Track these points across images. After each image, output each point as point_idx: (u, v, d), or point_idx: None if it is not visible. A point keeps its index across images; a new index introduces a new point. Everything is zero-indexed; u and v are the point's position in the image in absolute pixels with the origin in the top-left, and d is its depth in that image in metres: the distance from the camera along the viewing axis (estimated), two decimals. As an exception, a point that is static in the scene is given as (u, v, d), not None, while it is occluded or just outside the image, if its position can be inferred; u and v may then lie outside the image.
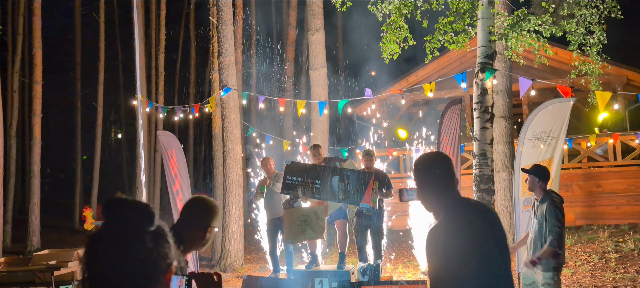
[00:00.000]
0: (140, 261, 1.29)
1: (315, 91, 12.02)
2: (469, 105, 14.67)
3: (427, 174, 2.42)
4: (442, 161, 2.46)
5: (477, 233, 2.25)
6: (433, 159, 2.48)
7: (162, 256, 1.34)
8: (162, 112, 12.28)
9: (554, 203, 5.10)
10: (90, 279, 1.28)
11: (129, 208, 1.36)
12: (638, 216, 11.84)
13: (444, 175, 2.40)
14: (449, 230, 2.24)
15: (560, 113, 6.83)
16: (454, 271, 2.15)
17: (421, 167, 2.45)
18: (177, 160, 8.42)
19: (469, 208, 2.37)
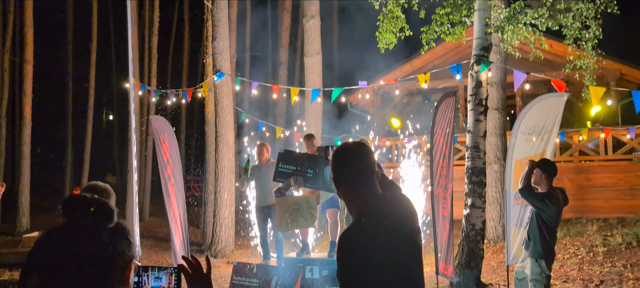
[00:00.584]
0: (96, 257, 1.28)
1: (310, 79, 11.96)
2: (462, 96, 14.67)
3: (343, 167, 2.16)
4: (358, 152, 2.18)
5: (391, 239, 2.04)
6: (349, 151, 2.19)
7: (120, 253, 1.33)
8: (155, 96, 12.18)
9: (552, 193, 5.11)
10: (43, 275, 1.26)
11: (87, 205, 1.34)
12: (627, 211, 11.94)
13: (360, 169, 2.13)
14: (361, 236, 2.01)
15: (554, 107, 6.83)
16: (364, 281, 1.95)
17: (336, 159, 2.19)
18: (169, 145, 8.36)
19: (386, 207, 2.14)
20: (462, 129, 14.09)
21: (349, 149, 2.21)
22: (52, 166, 30.53)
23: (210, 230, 11.37)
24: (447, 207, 7.03)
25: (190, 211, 10.80)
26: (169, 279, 1.62)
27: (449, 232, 7.04)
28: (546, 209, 5.12)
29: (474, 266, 7.47)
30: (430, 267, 9.17)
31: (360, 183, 2.12)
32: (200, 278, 1.69)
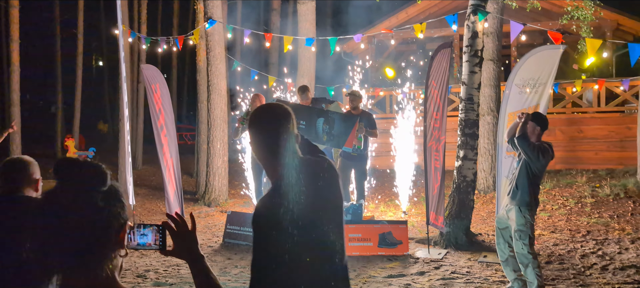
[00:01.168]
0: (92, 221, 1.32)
1: (303, 27, 11.75)
2: (458, 45, 14.53)
3: (258, 131, 2.10)
4: (275, 116, 2.10)
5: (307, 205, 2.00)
6: (265, 115, 2.13)
7: (115, 216, 1.37)
8: (145, 43, 11.96)
9: (542, 144, 5.16)
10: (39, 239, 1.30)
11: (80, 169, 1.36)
12: (616, 162, 12.07)
13: (276, 133, 2.07)
14: (276, 204, 1.97)
15: (550, 60, 6.78)
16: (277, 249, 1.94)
17: (252, 123, 2.12)
18: (161, 95, 8.28)
19: (303, 172, 2.06)
20: (457, 79, 14.02)
21: (264, 113, 2.15)
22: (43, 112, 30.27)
23: (203, 179, 11.41)
24: (439, 159, 7.06)
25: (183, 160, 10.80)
26: (155, 236, 1.61)
27: (440, 184, 7.10)
28: (537, 161, 5.18)
29: (464, 216, 7.58)
30: (421, 217, 9.30)
31: (276, 148, 2.07)
32: (185, 234, 1.68)
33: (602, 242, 7.43)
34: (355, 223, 7.40)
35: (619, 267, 6.28)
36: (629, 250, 7.00)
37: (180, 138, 23.24)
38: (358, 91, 8.34)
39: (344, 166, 8.16)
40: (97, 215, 1.33)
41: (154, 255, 7.38)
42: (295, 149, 2.12)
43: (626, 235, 7.76)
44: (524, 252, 5.15)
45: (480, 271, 6.33)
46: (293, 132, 2.12)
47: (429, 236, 7.47)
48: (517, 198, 5.23)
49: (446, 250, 7.28)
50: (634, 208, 9.25)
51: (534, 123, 5.30)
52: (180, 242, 1.67)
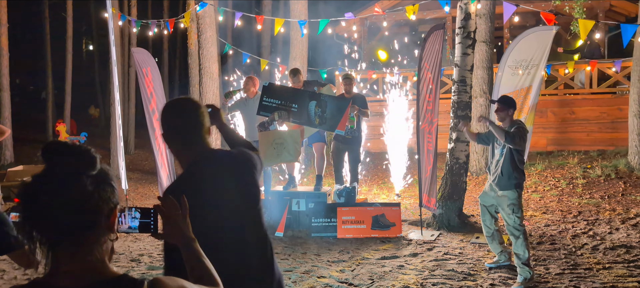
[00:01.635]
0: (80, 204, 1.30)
1: (295, 9, 11.67)
2: (450, 27, 14.48)
3: (169, 125, 2.16)
4: (184, 110, 2.17)
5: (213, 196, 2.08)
6: (175, 109, 2.18)
7: (105, 200, 1.35)
8: (136, 26, 11.84)
9: (520, 128, 5.22)
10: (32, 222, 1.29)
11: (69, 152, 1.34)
12: (607, 143, 12.13)
13: (187, 127, 2.15)
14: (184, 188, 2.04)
15: (542, 41, 6.78)
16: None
17: (164, 117, 2.17)
18: (152, 78, 8.21)
19: (211, 165, 2.15)
20: (449, 61, 14.00)
21: (176, 106, 2.20)
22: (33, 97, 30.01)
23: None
24: (432, 141, 7.07)
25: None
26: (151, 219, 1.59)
27: (433, 166, 7.12)
28: (523, 146, 5.25)
29: (457, 198, 7.61)
30: (413, 199, 9.34)
31: (187, 140, 2.15)
32: (177, 218, 1.66)
33: (593, 222, 7.50)
34: (349, 205, 7.43)
35: (609, 247, 6.34)
36: (620, 230, 7.06)
37: (172, 122, 23.15)
38: (351, 73, 8.32)
39: (337, 150, 8.15)
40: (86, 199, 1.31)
41: (148, 239, 7.38)
42: (205, 141, 2.20)
43: (617, 215, 7.84)
44: (517, 224, 5.29)
45: (472, 252, 6.38)
46: (202, 124, 2.18)
47: (421, 218, 7.50)
48: (503, 183, 5.32)
49: (439, 231, 7.33)
50: (624, 188, 9.32)
51: (505, 105, 5.36)
52: (171, 225, 1.66)
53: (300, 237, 7.33)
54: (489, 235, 5.73)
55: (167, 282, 1.35)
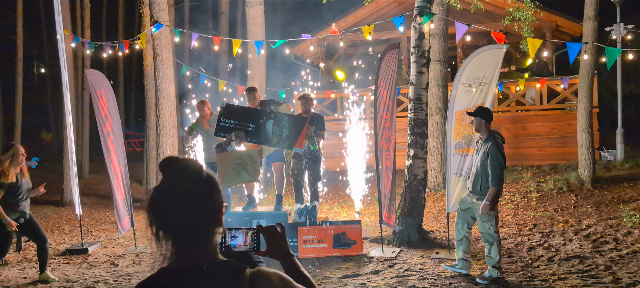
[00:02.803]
0: (198, 209, 1.58)
1: (252, 30, 11.68)
2: (405, 47, 14.77)
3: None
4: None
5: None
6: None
7: (215, 202, 1.63)
8: (89, 48, 11.59)
9: (497, 144, 5.54)
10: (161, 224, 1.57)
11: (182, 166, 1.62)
12: (559, 158, 12.55)
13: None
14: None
15: (493, 59, 6.97)
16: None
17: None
18: (106, 100, 8.03)
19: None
20: (405, 80, 14.25)
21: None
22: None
23: (154, 186, 11.13)
24: (390, 158, 7.15)
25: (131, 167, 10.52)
26: (245, 238, 1.80)
27: (392, 183, 7.18)
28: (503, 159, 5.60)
29: (416, 214, 7.70)
30: (374, 217, 9.39)
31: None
32: (276, 235, 1.87)
33: (547, 235, 7.70)
34: (310, 224, 7.40)
35: (563, 258, 6.52)
36: (573, 241, 7.28)
37: (128, 145, 22.65)
38: (309, 94, 8.35)
39: (298, 168, 8.14)
40: (202, 202, 1.59)
41: (103, 265, 7.15)
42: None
43: (569, 227, 8.08)
44: (491, 231, 5.64)
45: (433, 267, 6.44)
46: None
47: (382, 235, 7.54)
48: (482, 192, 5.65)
49: (400, 248, 7.37)
50: (576, 201, 9.64)
51: (479, 118, 5.67)
52: (272, 243, 1.87)
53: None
54: (458, 239, 6.01)
55: (268, 272, 1.62)
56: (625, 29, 12.27)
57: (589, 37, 10.06)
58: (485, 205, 5.57)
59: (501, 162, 5.53)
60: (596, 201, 9.47)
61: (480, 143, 5.76)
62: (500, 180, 5.53)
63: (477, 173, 5.69)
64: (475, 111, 5.79)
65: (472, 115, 5.79)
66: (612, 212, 8.70)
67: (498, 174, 5.51)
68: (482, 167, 5.62)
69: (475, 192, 5.73)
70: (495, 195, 5.57)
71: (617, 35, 12.39)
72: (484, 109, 5.86)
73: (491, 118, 5.77)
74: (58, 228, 9.84)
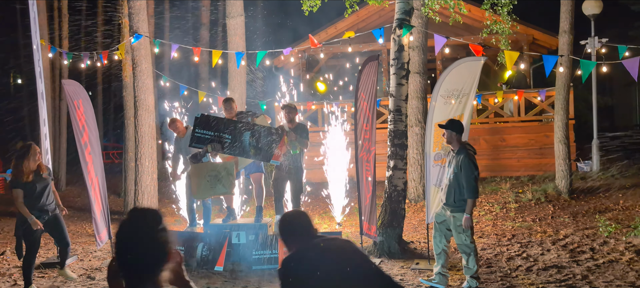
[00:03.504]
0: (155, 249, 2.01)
1: (233, 41, 11.66)
2: (386, 59, 14.88)
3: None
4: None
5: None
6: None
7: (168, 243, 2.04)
8: (67, 58, 11.45)
9: (469, 155, 5.57)
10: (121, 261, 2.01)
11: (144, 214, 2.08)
12: (536, 169, 12.71)
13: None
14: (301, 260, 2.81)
15: (472, 71, 7.07)
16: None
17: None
18: (84, 111, 7.92)
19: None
20: (385, 92, 14.34)
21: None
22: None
23: (132, 198, 10.99)
24: (370, 170, 7.16)
25: (110, 179, 10.38)
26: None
27: (372, 194, 7.19)
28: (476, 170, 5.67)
29: (396, 225, 7.72)
30: (355, 228, 9.39)
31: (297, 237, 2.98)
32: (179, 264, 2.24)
33: (526, 245, 7.78)
34: (289, 236, 7.36)
35: (542, 268, 6.59)
36: (551, 251, 7.36)
37: (106, 156, 22.36)
38: (293, 103, 8.34)
39: (279, 178, 8.11)
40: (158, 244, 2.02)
41: (79, 279, 7.02)
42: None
43: (547, 237, 8.17)
44: (467, 242, 5.69)
45: (413, 278, 6.46)
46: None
47: (363, 246, 7.54)
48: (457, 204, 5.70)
49: (380, 259, 7.38)
50: (553, 211, 9.77)
51: (450, 130, 5.74)
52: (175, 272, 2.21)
53: (241, 271, 7.18)
54: (437, 253, 6.03)
55: None
56: (599, 42, 12.53)
57: (564, 50, 10.25)
58: (466, 218, 5.61)
59: (475, 173, 5.58)
60: (573, 212, 9.61)
61: (452, 154, 5.80)
62: (475, 191, 5.59)
63: (450, 185, 5.73)
64: (446, 124, 5.83)
65: (443, 127, 5.83)
66: (588, 222, 8.83)
67: (473, 186, 5.56)
68: (455, 179, 5.66)
69: (449, 204, 5.76)
70: (473, 206, 5.65)
71: (592, 48, 12.64)
72: (455, 121, 5.91)
73: (462, 130, 5.82)
74: (33, 242, 9.64)
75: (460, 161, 5.61)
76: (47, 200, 6.47)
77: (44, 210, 6.40)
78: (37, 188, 6.33)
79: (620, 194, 10.49)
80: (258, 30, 20.46)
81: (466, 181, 5.55)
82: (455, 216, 5.69)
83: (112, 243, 8.15)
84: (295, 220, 3.01)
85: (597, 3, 12.92)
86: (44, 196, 6.41)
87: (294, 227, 2.97)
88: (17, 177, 6.24)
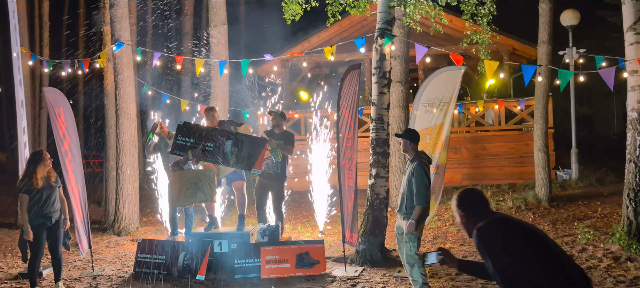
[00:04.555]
0: None
1: (216, 50, 11.67)
2: (368, 69, 15.00)
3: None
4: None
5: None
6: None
7: None
8: (48, 66, 11.35)
9: (422, 163, 5.65)
10: None
11: None
12: (517, 177, 12.88)
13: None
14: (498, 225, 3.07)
15: (452, 80, 7.17)
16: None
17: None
18: (65, 119, 7.84)
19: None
20: (368, 101, 14.44)
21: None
22: None
23: (113, 207, 10.89)
24: (352, 177, 7.20)
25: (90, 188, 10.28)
26: None
27: (354, 202, 7.22)
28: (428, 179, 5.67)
29: (378, 233, 7.75)
30: (337, 236, 9.41)
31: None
32: None
33: (505, 251, 7.85)
34: (272, 244, 7.36)
35: (521, 274, 6.65)
36: (530, 257, 7.44)
37: (87, 165, 22.12)
38: (280, 110, 8.36)
39: (261, 186, 8.10)
40: None
41: None
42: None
43: (527, 243, 8.25)
44: (411, 252, 5.69)
45: (395, 286, 6.48)
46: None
47: (345, 254, 7.56)
48: (406, 212, 5.72)
49: (362, 267, 7.40)
50: (533, 219, 9.89)
51: (406, 139, 5.78)
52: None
53: (224, 279, 7.14)
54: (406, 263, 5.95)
55: None
56: (577, 52, 12.78)
57: (543, 60, 10.44)
58: (410, 223, 5.58)
59: (425, 182, 5.55)
60: (552, 219, 9.74)
61: (408, 163, 5.83)
62: (425, 199, 5.56)
63: (403, 193, 5.74)
64: (403, 133, 5.87)
65: (399, 136, 5.87)
66: (567, 229, 8.96)
67: (422, 194, 5.54)
68: (408, 187, 5.66)
69: (402, 211, 5.77)
70: (421, 214, 5.59)
71: (570, 58, 12.89)
72: (411, 130, 5.96)
73: (417, 139, 5.84)
74: (11, 251, 9.48)
75: (413, 169, 5.62)
76: (53, 207, 6.54)
77: (48, 217, 6.47)
78: (44, 195, 6.42)
79: (598, 202, 10.66)
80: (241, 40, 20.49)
81: (417, 188, 5.53)
82: (405, 224, 5.69)
83: (91, 252, 8.07)
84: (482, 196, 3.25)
85: (574, 14, 13.19)
86: (50, 203, 6.50)
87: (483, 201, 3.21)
88: (27, 183, 6.34)
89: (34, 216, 6.36)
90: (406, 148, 5.78)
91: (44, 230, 6.45)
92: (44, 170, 6.49)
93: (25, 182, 6.35)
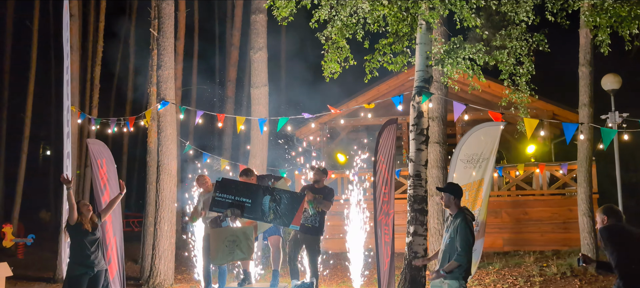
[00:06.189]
0: None
1: (256, 109, 11.96)
2: (406, 132, 15.02)
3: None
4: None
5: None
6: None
7: None
8: (95, 123, 11.83)
9: (466, 220, 5.38)
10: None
11: None
12: (561, 243, 12.38)
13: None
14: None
15: (491, 135, 7.10)
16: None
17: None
18: (107, 170, 8.10)
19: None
20: (405, 163, 14.36)
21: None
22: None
23: (149, 263, 10.95)
24: (389, 233, 7.08)
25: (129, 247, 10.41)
26: None
27: (390, 259, 7.07)
28: (472, 236, 5.38)
29: (416, 293, 7.51)
30: (373, 297, 9.15)
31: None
32: None
33: (551, 317, 7.47)
34: (306, 301, 7.21)
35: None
36: (577, 323, 7.04)
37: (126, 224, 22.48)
38: (323, 167, 8.39)
39: (295, 239, 8.02)
40: None
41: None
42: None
43: (574, 310, 7.84)
44: None
45: (432, 346, 6.21)
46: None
47: (380, 313, 7.31)
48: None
49: (398, 327, 7.14)
50: (580, 285, 9.42)
51: (448, 193, 5.56)
52: None
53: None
54: None
55: None
56: (620, 117, 12.49)
57: (585, 121, 10.24)
58: (438, 272, 5.35)
59: (469, 239, 5.29)
60: (601, 286, 9.24)
61: (450, 219, 5.57)
62: (467, 257, 5.28)
63: (445, 251, 5.47)
64: (445, 187, 5.68)
65: (441, 190, 5.66)
66: (617, 297, 8.47)
67: (466, 251, 5.27)
68: (451, 244, 5.40)
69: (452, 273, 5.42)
70: (455, 268, 5.30)
71: (613, 122, 12.59)
72: (454, 184, 5.74)
73: (461, 193, 5.62)
74: (49, 304, 9.59)
75: (457, 226, 5.36)
76: (95, 255, 6.52)
77: (90, 266, 6.44)
78: (89, 238, 6.47)
79: (650, 270, 10.09)
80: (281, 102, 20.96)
81: (461, 244, 5.26)
82: (449, 284, 5.37)
83: (126, 305, 8.06)
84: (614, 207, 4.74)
85: (616, 79, 12.96)
86: (92, 250, 6.48)
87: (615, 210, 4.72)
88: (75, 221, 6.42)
89: (76, 265, 6.38)
90: (448, 202, 5.54)
91: (86, 279, 6.46)
92: (88, 215, 6.58)
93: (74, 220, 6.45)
